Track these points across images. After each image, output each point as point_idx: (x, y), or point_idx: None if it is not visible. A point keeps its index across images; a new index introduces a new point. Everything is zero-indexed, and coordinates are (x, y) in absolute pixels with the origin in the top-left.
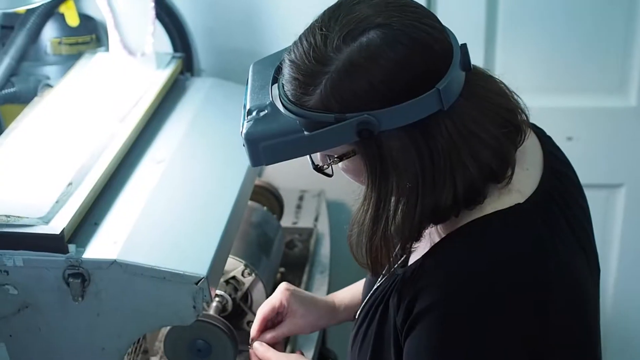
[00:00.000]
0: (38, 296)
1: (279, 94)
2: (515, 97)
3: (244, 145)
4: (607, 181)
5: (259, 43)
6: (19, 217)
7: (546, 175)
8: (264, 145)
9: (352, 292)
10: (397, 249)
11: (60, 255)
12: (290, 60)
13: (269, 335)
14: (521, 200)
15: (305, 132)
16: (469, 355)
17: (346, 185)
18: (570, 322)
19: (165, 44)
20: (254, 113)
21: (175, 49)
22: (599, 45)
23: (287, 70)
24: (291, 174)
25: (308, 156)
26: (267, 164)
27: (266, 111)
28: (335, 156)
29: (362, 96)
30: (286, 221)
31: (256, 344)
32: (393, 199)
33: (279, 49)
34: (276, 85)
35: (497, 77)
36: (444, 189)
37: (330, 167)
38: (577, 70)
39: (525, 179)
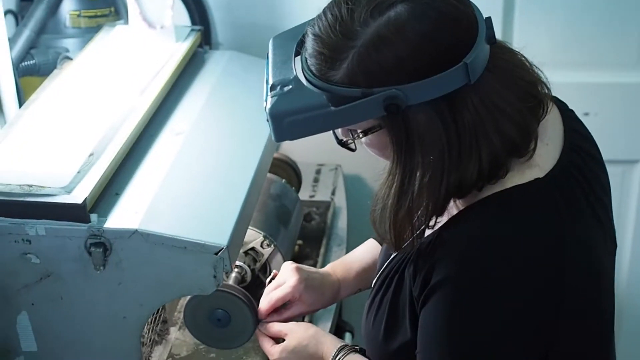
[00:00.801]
0: (60, 265)
1: (303, 69)
2: (536, 70)
3: (267, 121)
4: (623, 157)
5: (276, 17)
6: (41, 186)
7: (566, 150)
8: (289, 121)
9: (352, 267)
10: (421, 225)
11: (82, 225)
12: (314, 34)
13: (275, 318)
14: (541, 175)
15: (331, 107)
16: (485, 326)
17: (363, 160)
18: (585, 294)
19: (183, 17)
20: (278, 88)
21: (194, 22)
22: (616, 20)
23: (311, 44)
24: (309, 148)
25: (332, 131)
26: (291, 139)
27: (290, 86)
28: (360, 131)
29: (390, 70)
30: (303, 194)
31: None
32: (418, 174)
33: (296, 23)
34: (299, 59)
35: (517, 50)
36: (470, 163)
37: (354, 141)
38: (595, 45)
39: (545, 153)
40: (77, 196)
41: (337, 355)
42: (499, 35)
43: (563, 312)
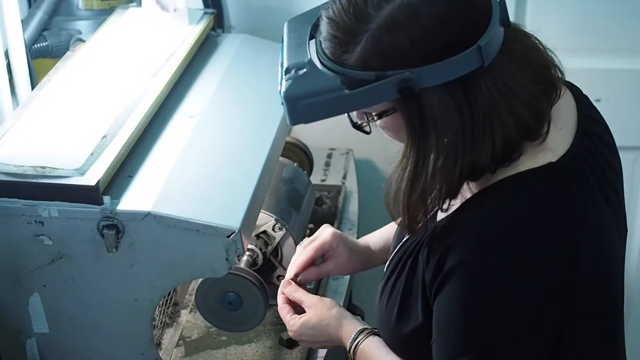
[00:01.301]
0: (72, 247)
1: (317, 52)
2: (550, 53)
3: (282, 104)
4: (635, 143)
5: (288, 0)
6: (54, 168)
7: (579, 134)
8: (304, 104)
9: (384, 238)
10: (434, 208)
11: (95, 207)
12: (328, 18)
13: (313, 271)
14: (554, 160)
15: (346, 91)
16: (500, 310)
17: (375, 144)
18: (596, 279)
19: (196, 0)
20: (293, 71)
21: (206, 5)
22: (629, 6)
23: (325, 28)
24: (320, 132)
25: (346, 114)
26: (306, 122)
27: (305, 69)
28: (374, 114)
29: (403, 53)
30: (315, 179)
31: (284, 282)
32: (432, 157)
33: (309, 6)
34: (313, 42)
35: (531, 33)
36: (483, 146)
37: (368, 124)
38: (607, 31)
39: (558, 138)
40: (90, 178)
41: (357, 338)
42: (511, 20)
43: (575, 295)
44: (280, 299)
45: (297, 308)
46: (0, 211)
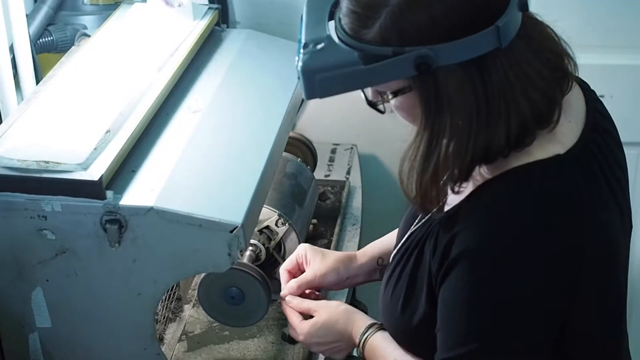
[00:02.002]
0: (75, 241)
1: (336, 28)
2: (564, 43)
3: (298, 78)
4: (639, 139)
5: None
6: (58, 162)
7: (587, 129)
8: (320, 78)
9: (375, 245)
10: (446, 189)
11: (98, 201)
12: None
13: (294, 284)
14: (562, 152)
15: (362, 65)
16: (504, 299)
17: (378, 140)
18: (602, 273)
19: None
20: (310, 46)
21: (211, 1)
22: (632, 2)
23: (345, 4)
24: (324, 128)
25: (361, 91)
26: (321, 97)
27: (323, 44)
28: (390, 92)
29: (422, 29)
30: (319, 174)
31: (289, 298)
32: (446, 136)
33: None
34: (333, 20)
35: (547, 22)
36: (497, 128)
37: (383, 103)
38: (609, 28)
39: (568, 130)
40: (94, 173)
41: (366, 332)
42: None
43: (580, 288)
44: (288, 310)
45: (307, 317)
46: (4, 205)
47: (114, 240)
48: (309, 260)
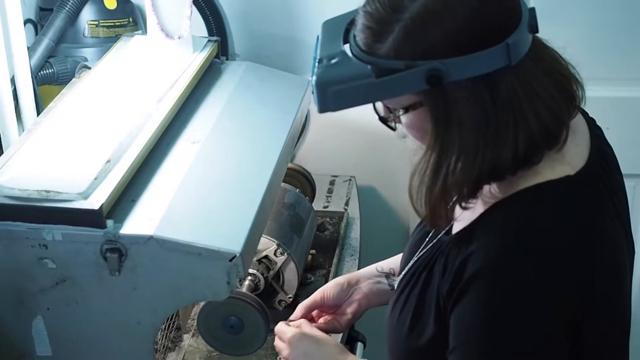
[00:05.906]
0: (76, 270)
1: (350, 44)
2: (571, 68)
3: (312, 92)
4: (635, 171)
5: (292, 28)
6: (58, 192)
7: (593, 153)
8: (333, 90)
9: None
10: (455, 205)
11: (98, 230)
12: (364, 12)
13: (301, 305)
14: (572, 173)
15: (374, 79)
16: (522, 318)
17: (377, 171)
18: (610, 292)
19: (200, 28)
20: (325, 61)
21: (210, 33)
22: (627, 34)
23: (360, 21)
24: (323, 159)
25: (373, 107)
26: (334, 110)
27: (337, 59)
28: (401, 107)
29: (434, 44)
30: (318, 205)
31: (291, 317)
32: (455, 151)
33: (313, 34)
34: (348, 42)
35: (554, 47)
36: (506, 144)
37: (394, 120)
38: (606, 60)
39: (576, 153)
40: (94, 202)
41: None
42: None
43: (591, 306)
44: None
45: None
46: (5, 234)
47: (114, 268)
48: (330, 296)
